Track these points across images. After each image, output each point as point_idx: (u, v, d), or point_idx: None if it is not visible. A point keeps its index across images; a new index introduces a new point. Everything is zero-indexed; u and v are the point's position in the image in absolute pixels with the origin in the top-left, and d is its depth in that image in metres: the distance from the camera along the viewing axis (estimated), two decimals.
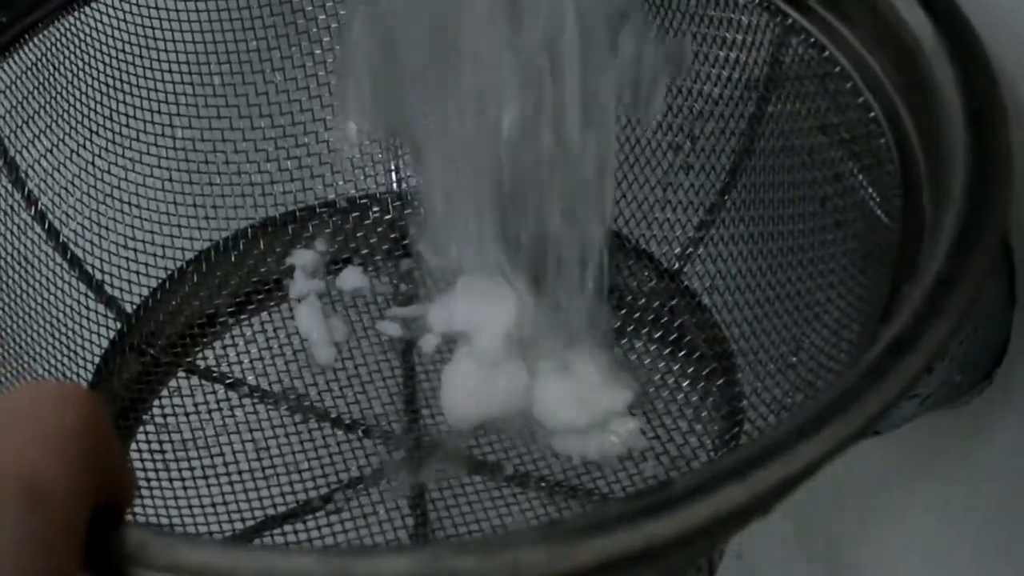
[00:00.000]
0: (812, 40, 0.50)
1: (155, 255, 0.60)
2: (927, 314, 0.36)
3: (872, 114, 0.47)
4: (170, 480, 0.53)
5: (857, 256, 0.49)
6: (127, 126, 0.60)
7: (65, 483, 0.30)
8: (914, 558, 0.64)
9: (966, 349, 0.53)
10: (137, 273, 0.60)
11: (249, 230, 0.62)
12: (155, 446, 0.55)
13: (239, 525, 0.52)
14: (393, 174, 0.63)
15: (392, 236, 0.62)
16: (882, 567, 0.66)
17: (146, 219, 0.60)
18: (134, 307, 0.59)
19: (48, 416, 0.31)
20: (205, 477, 0.54)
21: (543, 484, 0.53)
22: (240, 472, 0.54)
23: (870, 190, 0.48)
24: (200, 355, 0.59)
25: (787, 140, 0.54)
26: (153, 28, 0.60)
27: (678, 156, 0.58)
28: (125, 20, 0.59)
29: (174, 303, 0.60)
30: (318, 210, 0.63)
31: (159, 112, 0.60)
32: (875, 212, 0.48)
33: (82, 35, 0.57)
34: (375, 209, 0.63)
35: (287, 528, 0.52)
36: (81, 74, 0.58)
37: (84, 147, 0.58)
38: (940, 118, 0.43)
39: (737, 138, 0.56)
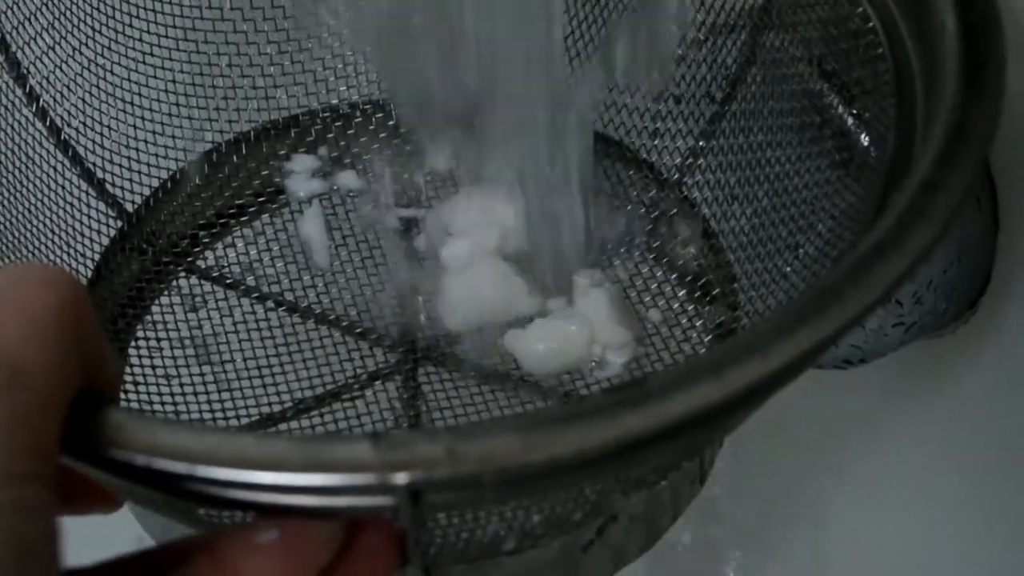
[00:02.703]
0: None
1: (157, 155, 0.60)
2: (910, 219, 0.36)
3: (870, 24, 0.47)
4: (167, 378, 0.54)
5: (852, 166, 0.49)
6: (130, 26, 0.59)
7: (44, 362, 0.30)
8: (901, 484, 0.64)
9: (951, 277, 0.54)
10: (139, 172, 0.60)
11: (252, 133, 0.62)
12: (152, 343, 0.55)
13: (233, 423, 0.52)
14: None
15: (395, 142, 0.62)
16: (871, 493, 0.67)
17: (149, 119, 0.60)
18: (135, 206, 0.59)
19: (29, 297, 0.31)
20: (202, 375, 0.54)
21: (539, 387, 0.53)
22: (237, 371, 0.54)
23: (867, 100, 0.48)
24: (200, 256, 0.59)
25: (788, 51, 0.54)
26: None
27: (680, 66, 0.58)
28: None
29: (175, 203, 0.60)
30: (321, 115, 0.62)
31: (163, 12, 0.60)
32: (871, 122, 0.48)
33: None
34: (379, 115, 0.63)
35: (281, 428, 0.52)
36: None
37: (87, 45, 0.58)
38: (936, 29, 0.43)
39: (739, 48, 0.56)
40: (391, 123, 0.62)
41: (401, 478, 0.31)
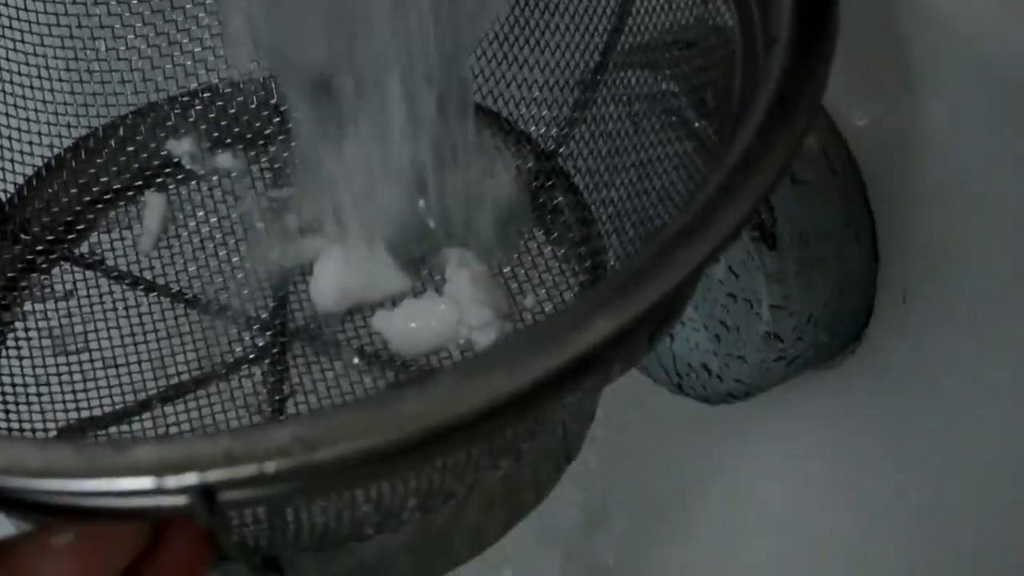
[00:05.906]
0: None
1: (31, 143, 0.59)
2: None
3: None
4: (33, 367, 0.53)
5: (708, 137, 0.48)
6: (1, 14, 0.59)
7: None
8: (788, 518, 0.65)
9: (832, 310, 0.54)
10: (12, 161, 0.59)
11: (129, 116, 0.61)
12: (20, 334, 0.55)
13: (97, 412, 0.52)
14: None
15: (275, 120, 0.61)
16: (756, 527, 0.67)
17: (22, 107, 0.59)
18: (8, 195, 0.58)
19: None
20: (68, 364, 0.54)
21: (405, 368, 0.53)
22: (104, 360, 0.54)
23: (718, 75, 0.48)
24: (76, 243, 0.59)
25: (656, 23, 0.53)
26: None
27: (555, 36, 0.57)
28: None
29: (51, 191, 0.59)
30: (200, 95, 0.62)
31: None
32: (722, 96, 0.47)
33: None
34: (260, 93, 0.62)
35: (145, 416, 0.52)
36: None
37: None
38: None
39: (608, 17, 0.55)
40: (272, 101, 0.62)
41: (174, 481, 0.30)
